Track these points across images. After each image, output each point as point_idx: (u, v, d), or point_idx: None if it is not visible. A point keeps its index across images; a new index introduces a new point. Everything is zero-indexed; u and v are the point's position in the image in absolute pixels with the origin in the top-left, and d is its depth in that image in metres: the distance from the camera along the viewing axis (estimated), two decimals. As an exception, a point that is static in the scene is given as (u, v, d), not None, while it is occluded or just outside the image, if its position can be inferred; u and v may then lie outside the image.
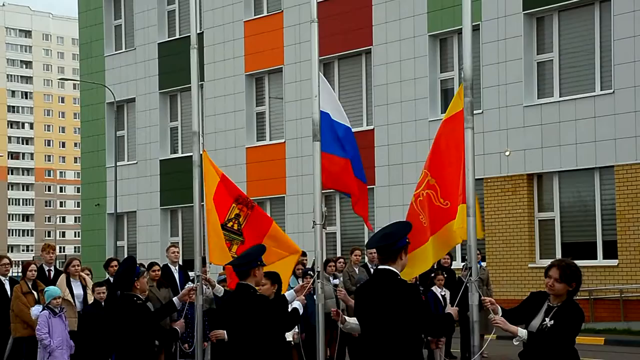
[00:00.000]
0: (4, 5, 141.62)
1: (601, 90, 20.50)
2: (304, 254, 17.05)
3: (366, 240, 23.86)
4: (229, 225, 8.77)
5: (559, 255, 20.15)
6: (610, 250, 20.14)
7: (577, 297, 6.71)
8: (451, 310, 6.55)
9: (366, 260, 15.98)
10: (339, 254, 22.71)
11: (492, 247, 21.74)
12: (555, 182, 21.19)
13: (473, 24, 7.11)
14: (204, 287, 8.90)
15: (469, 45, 6.95)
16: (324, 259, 7.94)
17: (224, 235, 8.75)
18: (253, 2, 27.77)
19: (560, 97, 21.17)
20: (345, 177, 8.24)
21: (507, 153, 21.46)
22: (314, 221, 7.70)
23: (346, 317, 7.30)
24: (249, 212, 8.80)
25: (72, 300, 12.49)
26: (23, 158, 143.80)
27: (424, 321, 6.20)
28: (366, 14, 24.47)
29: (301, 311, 7.72)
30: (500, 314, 6.62)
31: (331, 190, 8.57)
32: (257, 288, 7.46)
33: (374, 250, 16.58)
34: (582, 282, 6.58)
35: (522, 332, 6.43)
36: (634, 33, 19.75)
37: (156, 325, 8.44)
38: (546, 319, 6.42)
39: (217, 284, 9.13)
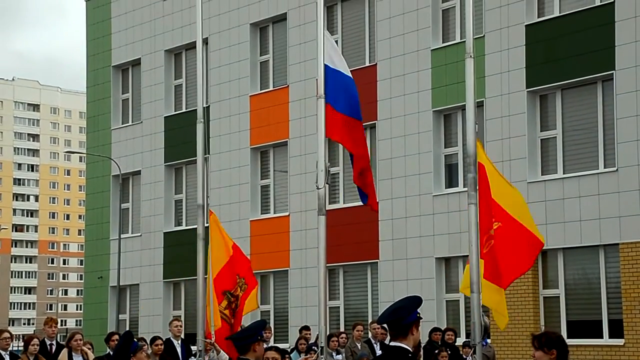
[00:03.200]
0: (13, 79, 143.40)
1: (605, 167, 20.54)
2: (307, 328, 16.95)
3: (370, 315, 23.68)
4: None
5: (564, 334, 19.92)
6: (616, 329, 19.93)
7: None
8: None
9: (369, 335, 15.84)
10: (342, 329, 22.50)
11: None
12: (560, 259, 21.09)
13: (477, 100, 7.18)
14: (211, 352, 9.04)
15: (472, 121, 7.01)
16: (327, 333, 7.89)
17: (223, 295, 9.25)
18: (259, 76, 28.08)
19: (564, 174, 21.21)
20: (350, 134, 8.11)
21: (511, 229, 21.41)
22: (317, 185, 7.62)
23: None
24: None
25: (73, 374, 12.37)
26: (27, 230, 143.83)
27: None
28: (371, 89, 24.69)
29: None
30: None
31: (335, 264, 8.51)
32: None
33: (377, 325, 16.40)
34: (567, 350, 6.62)
35: None
36: (636, 112, 19.89)
37: None
38: None
39: (222, 351, 9.19)
